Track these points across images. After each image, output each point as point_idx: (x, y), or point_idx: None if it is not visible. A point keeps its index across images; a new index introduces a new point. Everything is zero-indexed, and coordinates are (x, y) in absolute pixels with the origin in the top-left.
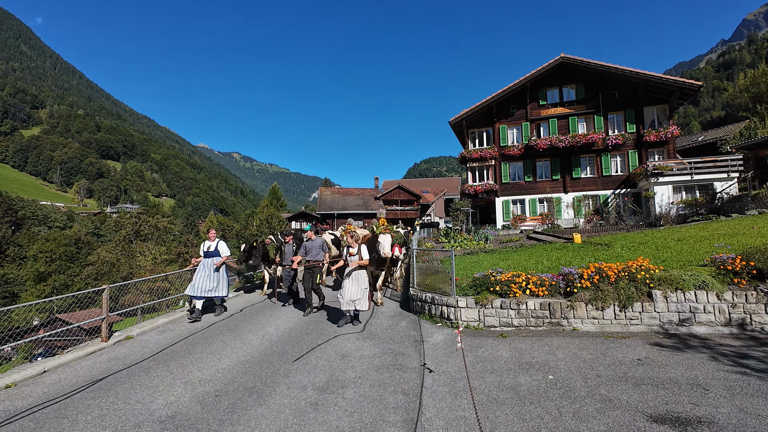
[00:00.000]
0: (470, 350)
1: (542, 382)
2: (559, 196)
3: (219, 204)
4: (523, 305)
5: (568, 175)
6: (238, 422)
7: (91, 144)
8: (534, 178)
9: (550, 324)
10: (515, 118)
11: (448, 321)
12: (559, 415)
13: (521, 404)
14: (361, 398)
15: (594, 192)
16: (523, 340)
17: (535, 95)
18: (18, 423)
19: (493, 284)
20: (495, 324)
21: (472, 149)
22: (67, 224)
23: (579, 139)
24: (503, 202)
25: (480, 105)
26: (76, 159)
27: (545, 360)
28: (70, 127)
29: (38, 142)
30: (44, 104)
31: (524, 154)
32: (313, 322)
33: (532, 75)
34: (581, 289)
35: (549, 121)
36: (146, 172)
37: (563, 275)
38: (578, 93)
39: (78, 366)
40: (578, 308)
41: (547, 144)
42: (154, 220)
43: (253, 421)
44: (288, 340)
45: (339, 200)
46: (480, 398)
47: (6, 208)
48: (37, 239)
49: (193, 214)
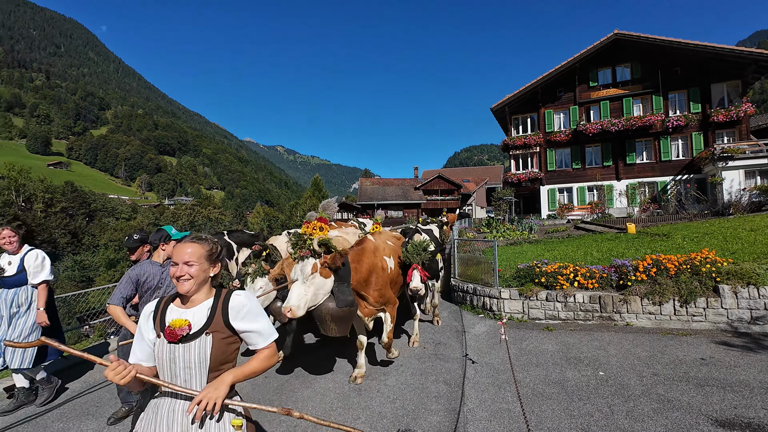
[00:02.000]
0: (514, 342)
1: (592, 379)
2: (611, 184)
3: (265, 196)
4: (570, 298)
5: (621, 161)
6: (286, 403)
7: (150, 141)
8: (582, 164)
9: (600, 318)
10: (562, 101)
11: (491, 312)
12: (610, 413)
13: (569, 400)
14: (403, 386)
15: (651, 179)
16: (570, 334)
17: (585, 76)
18: (96, 393)
19: (538, 275)
20: (540, 317)
21: (516, 136)
22: (131, 215)
23: (634, 122)
24: (549, 190)
25: (524, 90)
26: (137, 155)
27: (595, 355)
28: (132, 125)
29: (105, 141)
30: (110, 105)
31: (572, 140)
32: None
33: (581, 55)
34: (636, 282)
35: (600, 104)
36: (198, 166)
37: (615, 267)
38: (634, 72)
39: None
40: (632, 302)
41: (598, 128)
42: (207, 212)
43: (300, 403)
44: None
45: (379, 191)
46: (525, 391)
47: (81, 201)
48: (107, 229)
49: (241, 205)
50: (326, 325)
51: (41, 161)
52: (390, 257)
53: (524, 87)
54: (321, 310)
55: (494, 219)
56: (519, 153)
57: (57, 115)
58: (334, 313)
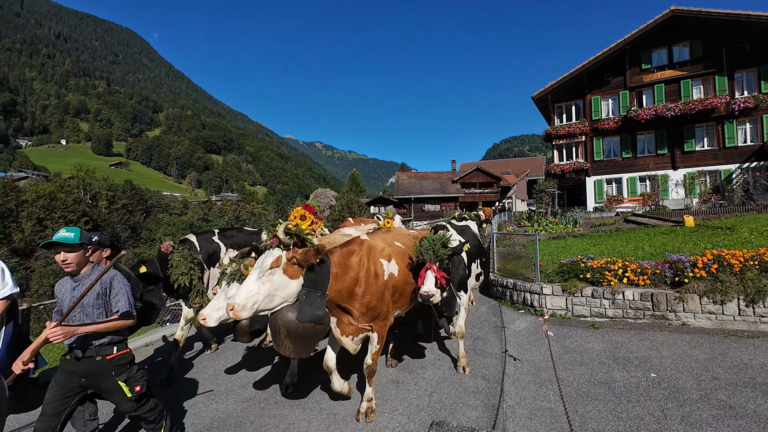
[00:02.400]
0: (556, 340)
1: (642, 380)
2: (666, 173)
3: (304, 191)
4: (619, 295)
5: (678, 149)
6: (328, 390)
7: (198, 140)
8: (633, 153)
9: (652, 317)
10: (610, 87)
11: (531, 308)
12: (663, 418)
13: (616, 401)
14: (441, 379)
15: (713, 167)
16: (618, 332)
17: (636, 59)
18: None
19: (582, 271)
20: (585, 314)
21: (559, 125)
22: (183, 211)
23: (694, 106)
24: (595, 181)
25: (568, 76)
26: (187, 154)
27: (646, 356)
28: (182, 126)
29: (159, 141)
30: (162, 108)
31: (621, 128)
32: None
33: (632, 36)
34: (694, 279)
35: (654, 88)
36: (242, 163)
37: (670, 263)
38: (693, 51)
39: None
40: (689, 301)
41: (652, 114)
42: (251, 207)
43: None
44: None
45: (416, 184)
46: (568, 391)
47: (139, 198)
48: (161, 224)
49: (282, 200)
50: (279, 340)
51: (104, 162)
52: (391, 261)
53: (568, 73)
54: (276, 319)
55: (535, 212)
56: (563, 143)
57: (117, 118)
58: (291, 326)
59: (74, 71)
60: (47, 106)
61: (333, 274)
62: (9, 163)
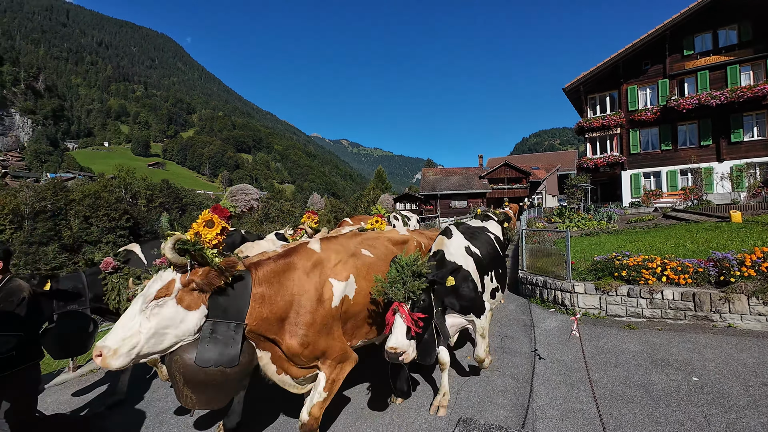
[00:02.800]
0: (589, 340)
1: (683, 384)
2: (710, 166)
3: (331, 188)
4: (657, 294)
5: (724, 140)
6: (346, 391)
7: (229, 140)
8: (674, 145)
9: (694, 318)
10: (649, 75)
11: (563, 307)
12: (706, 424)
13: (654, 405)
14: (468, 377)
15: (764, 158)
16: (657, 333)
17: (677, 45)
18: None
19: (618, 269)
20: (620, 313)
21: (592, 117)
22: None
23: (742, 93)
24: (631, 175)
25: (602, 66)
26: (219, 154)
27: (687, 359)
28: (214, 127)
29: (192, 142)
30: (195, 110)
31: (660, 118)
32: None
33: (673, 20)
34: (741, 278)
35: (697, 75)
36: (271, 162)
37: (715, 261)
38: (741, 34)
39: None
40: (736, 301)
41: (694, 103)
42: (279, 204)
43: (366, 389)
44: None
45: (442, 180)
46: (601, 392)
47: (175, 197)
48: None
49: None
50: (177, 389)
51: (143, 162)
52: (348, 279)
53: (602, 63)
54: (171, 362)
55: (567, 208)
56: (596, 135)
57: (154, 120)
58: (189, 372)
59: (115, 76)
60: (91, 110)
61: (256, 296)
62: (58, 165)
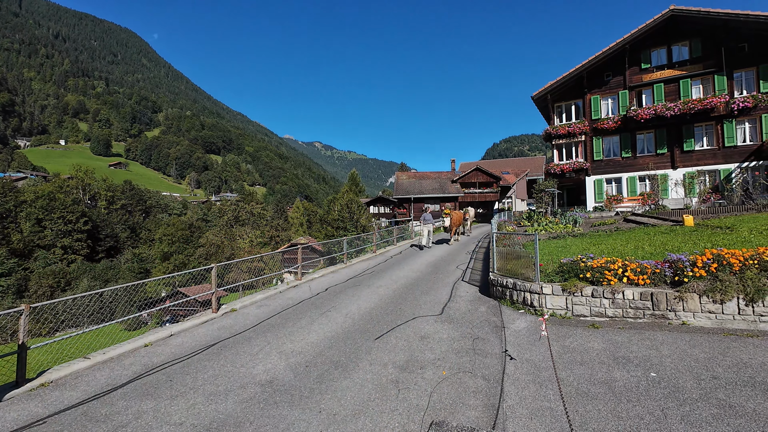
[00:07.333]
0: (556, 340)
1: (642, 380)
2: (666, 173)
3: (304, 191)
4: (618, 294)
5: (678, 148)
6: (326, 392)
7: (197, 141)
8: (633, 153)
9: (652, 316)
10: (610, 86)
11: (531, 308)
12: (663, 417)
13: (616, 401)
14: (440, 379)
15: (712, 166)
16: (618, 332)
17: (636, 58)
18: (154, 375)
19: (582, 270)
20: (585, 313)
21: (559, 125)
22: (182, 212)
23: (693, 105)
24: (595, 181)
25: (568, 75)
26: (186, 155)
27: (646, 355)
28: (181, 126)
29: (158, 142)
30: (161, 108)
31: (621, 127)
32: (392, 303)
33: (632, 35)
34: (694, 278)
35: (653, 87)
36: (242, 163)
37: (670, 262)
38: (693, 51)
39: (195, 332)
40: (689, 300)
41: (651, 113)
42: (250, 207)
43: (339, 392)
44: (369, 319)
45: (415, 184)
46: (568, 390)
47: (138, 199)
48: (161, 224)
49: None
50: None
51: (103, 162)
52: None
53: (568, 72)
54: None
55: (535, 212)
56: (562, 142)
57: (116, 118)
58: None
59: (73, 71)
60: (46, 106)
61: None
62: (7, 164)
